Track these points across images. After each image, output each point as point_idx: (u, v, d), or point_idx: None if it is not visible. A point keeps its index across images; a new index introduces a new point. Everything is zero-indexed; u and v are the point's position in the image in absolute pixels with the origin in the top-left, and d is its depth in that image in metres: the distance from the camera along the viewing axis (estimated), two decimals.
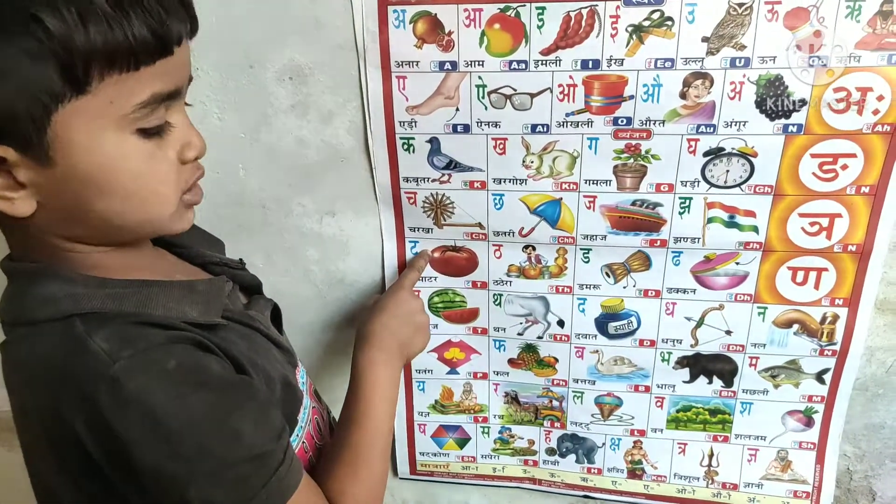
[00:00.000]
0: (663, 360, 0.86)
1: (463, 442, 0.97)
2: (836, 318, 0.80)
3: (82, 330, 0.46)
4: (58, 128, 0.42)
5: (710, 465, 0.92)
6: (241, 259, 0.68)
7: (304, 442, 0.62)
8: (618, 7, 0.68)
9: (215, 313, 0.54)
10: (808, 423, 0.87)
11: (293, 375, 0.62)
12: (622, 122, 0.74)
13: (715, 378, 0.86)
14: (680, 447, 0.91)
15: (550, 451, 0.95)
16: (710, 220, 0.78)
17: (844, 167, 0.73)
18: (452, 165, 0.79)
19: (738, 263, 0.80)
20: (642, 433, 0.91)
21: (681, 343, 0.85)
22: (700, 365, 0.86)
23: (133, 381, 0.44)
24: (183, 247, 0.62)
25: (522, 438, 0.96)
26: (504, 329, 0.89)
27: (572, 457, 0.95)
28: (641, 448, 0.92)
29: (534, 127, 0.75)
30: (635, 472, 0.94)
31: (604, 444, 0.93)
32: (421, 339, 0.77)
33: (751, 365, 0.85)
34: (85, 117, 0.42)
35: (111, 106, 0.43)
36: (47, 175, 0.44)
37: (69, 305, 0.47)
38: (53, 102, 0.41)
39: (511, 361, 0.91)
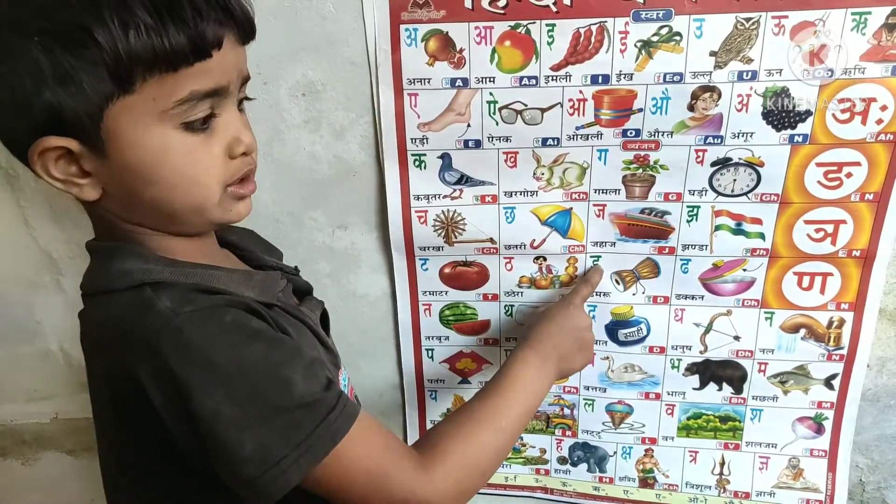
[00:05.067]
0: (673, 366, 0.87)
1: None
2: (842, 322, 0.82)
3: (151, 293, 0.51)
4: (109, 123, 0.48)
5: (721, 473, 0.92)
6: (296, 266, 0.72)
7: None
8: (626, 23, 0.70)
9: (270, 298, 0.58)
10: (819, 430, 0.88)
11: (335, 376, 0.64)
12: (631, 133, 0.75)
13: (725, 384, 0.87)
14: (691, 455, 0.92)
15: (562, 460, 0.96)
16: (717, 228, 0.79)
17: (849, 175, 0.74)
18: (464, 180, 0.80)
19: (745, 270, 0.81)
20: (653, 441, 0.92)
21: (690, 349, 0.86)
22: (710, 371, 0.87)
23: (194, 331, 0.49)
24: (245, 250, 0.68)
25: (534, 447, 0.96)
26: (515, 339, 0.89)
27: (584, 465, 0.95)
28: (653, 456, 0.93)
29: (544, 140, 0.76)
30: (647, 481, 0.94)
31: (615, 452, 0.94)
32: (582, 356, 0.75)
33: (760, 371, 0.86)
34: (132, 114, 0.48)
35: (154, 103, 0.48)
36: (105, 165, 0.50)
37: (140, 276, 0.52)
38: (105, 101, 0.47)
39: None
